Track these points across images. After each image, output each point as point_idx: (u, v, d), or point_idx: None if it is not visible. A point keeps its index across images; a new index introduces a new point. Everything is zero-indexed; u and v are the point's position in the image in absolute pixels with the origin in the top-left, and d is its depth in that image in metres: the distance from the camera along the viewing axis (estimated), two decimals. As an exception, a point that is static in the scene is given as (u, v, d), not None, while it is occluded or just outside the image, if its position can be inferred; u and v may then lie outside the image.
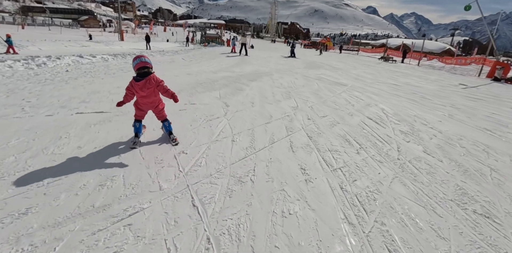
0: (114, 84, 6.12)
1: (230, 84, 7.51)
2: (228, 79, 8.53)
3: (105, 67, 9.10)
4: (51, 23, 64.81)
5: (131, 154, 2.98)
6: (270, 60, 18.14)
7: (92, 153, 2.96)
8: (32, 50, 16.88)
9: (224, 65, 13.32)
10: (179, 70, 9.93)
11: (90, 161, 2.76)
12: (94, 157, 2.86)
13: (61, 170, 2.53)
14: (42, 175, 2.43)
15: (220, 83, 7.62)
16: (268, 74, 10.73)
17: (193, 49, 25.40)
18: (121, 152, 3.01)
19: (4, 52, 13.27)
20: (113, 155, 2.92)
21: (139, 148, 3.18)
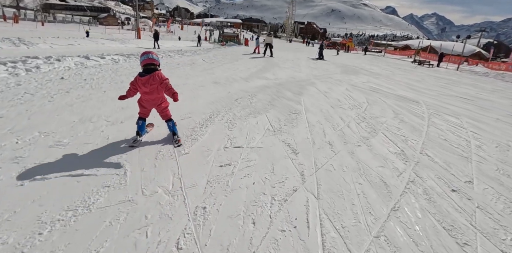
0: (117, 103, 4.26)
1: (274, 101, 5.54)
2: (267, 91, 6.58)
3: (112, 72, 7.32)
4: (70, 21, 65.04)
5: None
6: (299, 63, 16.13)
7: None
8: (42, 48, 15.51)
9: (252, 69, 11.40)
10: (203, 77, 8.05)
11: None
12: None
13: None
14: None
15: (261, 99, 5.66)
16: (309, 83, 8.72)
17: (212, 49, 23.64)
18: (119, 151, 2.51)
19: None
20: (112, 154, 2.52)
21: (139, 147, 2.89)
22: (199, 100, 4.98)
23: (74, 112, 3.81)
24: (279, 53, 22.21)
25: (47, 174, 2.25)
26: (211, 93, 5.68)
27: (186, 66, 10.77)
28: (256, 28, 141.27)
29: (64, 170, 2.34)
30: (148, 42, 27.60)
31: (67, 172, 2.31)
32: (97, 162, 2.54)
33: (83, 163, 2.50)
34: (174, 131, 3.17)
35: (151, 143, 3.14)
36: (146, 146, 3.05)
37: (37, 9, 68.75)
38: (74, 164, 2.47)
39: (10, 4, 67.76)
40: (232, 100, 5.30)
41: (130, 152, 2.81)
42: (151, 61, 2.88)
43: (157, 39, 22.37)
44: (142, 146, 3.02)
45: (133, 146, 2.98)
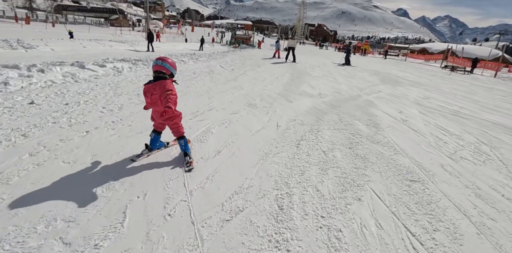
0: (109, 171, 2.35)
1: (355, 145, 3.49)
2: (326, 119, 4.59)
3: (111, 89, 5.42)
4: (82, 22, 64.57)
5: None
6: (329, 70, 14.09)
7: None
8: (42, 51, 13.94)
9: (281, 78, 9.42)
10: (231, 94, 6.09)
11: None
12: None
13: None
14: None
15: (331, 140, 3.63)
16: (365, 101, 6.69)
17: (227, 52, 21.77)
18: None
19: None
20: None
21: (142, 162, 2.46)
22: (245, 155, 2.92)
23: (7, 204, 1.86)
24: (298, 57, 20.23)
25: None
26: (255, 132, 3.65)
27: (204, 75, 8.85)
28: (267, 30, 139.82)
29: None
30: (160, 45, 26.03)
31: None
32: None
33: None
34: (186, 150, 2.71)
35: (158, 163, 2.54)
36: (150, 166, 2.48)
37: (49, 11, 68.48)
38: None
39: (23, 5, 67.65)
40: (291, 145, 3.30)
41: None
42: (159, 69, 2.48)
43: (152, 40, 19.64)
44: (146, 168, 2.43)
45: (133, 160, 2.61)
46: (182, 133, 2.72)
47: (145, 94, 2.50)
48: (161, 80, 2.43)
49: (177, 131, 2.69)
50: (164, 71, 2.48)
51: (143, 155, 2.72)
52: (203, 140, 3.19)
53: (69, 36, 22.30)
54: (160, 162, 2.66)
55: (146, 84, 2.49)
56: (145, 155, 2.74)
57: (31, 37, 17.53)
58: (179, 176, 2.34)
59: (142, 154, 2.71)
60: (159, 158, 2.72)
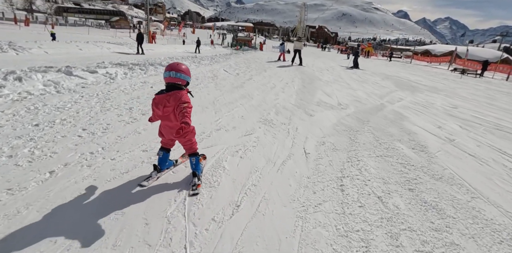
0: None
1: (415, 186, 2.56)
2: (360, 141, 3.71)
3: (98, 101, 4.54)
4: (82, 24, 64.04)
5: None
6: (339, 75, 13.25)
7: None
8: (35, 54, 13.14)
9: (291, 84, 8.55)
10: (240, 105, 5.21)
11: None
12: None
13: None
14: None
15: (385, 181, 2.70)
16: (392, 112, 5.82)
17: (230, 55, 20.93)
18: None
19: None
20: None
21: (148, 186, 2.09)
22: (275, 211, 1.89)
23: None
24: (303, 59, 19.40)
25: None
26: (280, 165, 2.71)
27: (208, 81, 7.98)
28: (268, 32, 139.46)
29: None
30: (165, 47, 25.24)
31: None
32: None
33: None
34: (196, 170, 2.31)
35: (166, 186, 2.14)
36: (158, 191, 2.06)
37: (49, 13, 67.92)
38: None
39: (23, 7, 67.12)
40: (333, 187, 2.39)
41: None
42: (173, 81, 2.09)
43: (141, 42, 17.85)
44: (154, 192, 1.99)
45: (142, 186, 2.22)
46: (195, 150, 2.36)
47: (156, 106, 2.14)
48: (175, 91, 2.07)
49: (190, 147, 2.34)
50: (179, 82, 2.11)
51: (153, 178, 2.33)
52: (213, 182, 2.31)
53: (51, 38, 20.06)
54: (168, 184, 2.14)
55: (158, 94, 2.13)
56: (155, 177, 2.36)
57: (26, 39, 16.76)
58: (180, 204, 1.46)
59: (151, 177, 2.33)
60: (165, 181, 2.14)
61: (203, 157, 2.81)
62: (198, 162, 2.37)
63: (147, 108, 4.42)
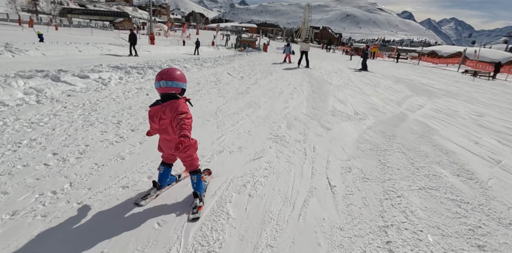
0: None
1: (481, 238, 1.92)
2: (392, 163, 3.05)
3: (83, 113, 3.92)
4: (86, 25, 64.03)
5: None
6: (349, 78, 12.57)
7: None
8: (32, 56, 12.70)
9: (300, 89, 7.90)
10: (246, 116, 4.57)
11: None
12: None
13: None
14: None
15: (443, 233, 1.99)
16: (419, 124, 5.13)
17: (233, 57, 20.33)
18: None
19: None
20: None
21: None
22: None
23: None
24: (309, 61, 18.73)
25: None
26: (301, 208, 2.00)
27: (210, 86, 7.36)
28: (271, 33, 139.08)
29: None
30: (162, 48, 24.74)
31: None
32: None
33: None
34: (197, 190, 2.04)
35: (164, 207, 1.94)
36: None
37: (53, 14, 68.01)
38: None
39: (28, 8, 67.25)
40: (376, 245, 1.76)
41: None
42: (165, 91, 1.84)
43: (134, 43, 16.49)
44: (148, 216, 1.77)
45: (139, 205, 2.00)
46: (197, 167, 2.10)
47: (152, 119, 1.92)
48: (171, 101, 1.85)
49: (190, 164, 2.08)
50: (173, 91, 1.87)
51: (151, 196, 2.12)
52: (212, 244, 1.64)
53: (38, 39, 18.33)
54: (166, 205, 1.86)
55: (152, 105, 1.90)
56: (153, 195, 2.13)
57: (26, 41, 16.33)
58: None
59: (150, 195, 2.11)
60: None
61: (208, 172, 2.49)
62: (199, 181, 2.08)
63: (138, 122, 3.80)
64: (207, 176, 2.44)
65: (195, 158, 2.09)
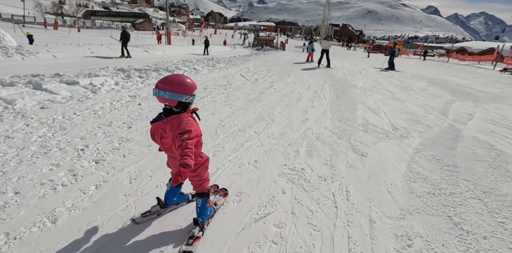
0: None
1: None
2: (475, 233, 1.95)
3: (45, 134, 3.04)
4: (107, 26, 65.48)
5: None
6: (376, 79, 11.24)
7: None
8: (41, 58, 12.40)
9: (323, 94, 6.77)
10: (255, 136, 3.57)
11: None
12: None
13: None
14: None
15: None
16: (483, 145, 3.90)
17: (249, 56, 19.37)
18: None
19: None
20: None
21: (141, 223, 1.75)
22: None
23: None
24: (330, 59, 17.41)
25: None
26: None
27: (218, 91, 6.42)
28: (290, 31, 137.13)
29: None
30: (177, 49, 24.21)
31: None
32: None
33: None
34: (200, 217, 1.75)
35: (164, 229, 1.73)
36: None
37: (77, 16, 70.15)
38: None
39: (53, 11, 69.74)
40: None
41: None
42: (162, 101, 1.53)
43: (125, 42, 14.57)
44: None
45: (136, 222, 1.82)
46: (205, 189, 1.76)
47: (153, 136, 1.61)
48: (173, 116, 1.51)
49: (198, 185, 1.76)
50: (169, 103, 1.51)
51: (152, 215, 1.85)
52: None
53: (28, 41, 16.66)
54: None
55: (154, 121, 1.58)
56: (155, 214, 1.86)
57: (45, 43, 16.19)
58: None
59: (150, 213, 1.86)
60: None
61: (224, 193, 2.14)
62: (204, 206, 1.77)
63: (111, 146, 2.90)
64: (221, 197, 2.08)
65: (205, 178, 1.78)
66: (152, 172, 2.43)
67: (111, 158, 2.63)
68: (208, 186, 1.81)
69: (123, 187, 2.15)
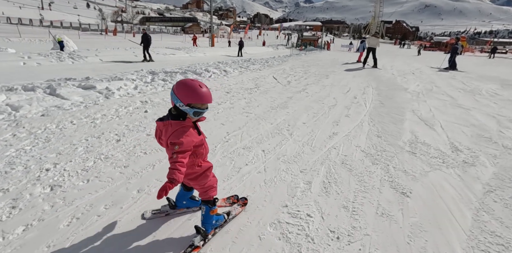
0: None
1: None
2: None
3: (16, 154, 2.72)
4: (160, 31, 69.80)
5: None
6: (432, 80, 9.63)
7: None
8: (89, 62, 13.16)
9: (363, 100, 5.71)
10: (261, 169, 2.84)
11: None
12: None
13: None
14: None
15: None
16: None
17: (289, 57, 18.53)
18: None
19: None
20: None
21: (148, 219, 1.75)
22: None
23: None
24: (378, 59, 15.68)
25: None
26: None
27: (240, 96, 5.81)
28: (337, 30, 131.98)
29: None
30: (219, 50, 24.37)
31: None
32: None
33: None
34: (204, 225, 1.65)
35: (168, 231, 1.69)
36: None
37: (134, 23, 76.19)
38: None
39: (112, 19, 76.84)
40: None
41: None
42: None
43: (147, 46, 14.25)
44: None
45: (143, 217, 1.83)
46: (210, 197, 1.68)
47: (155, 134, 1.58)
48: (171, 121, 1.43)
49: (203, 192, 1.68)
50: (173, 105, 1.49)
51: (161, 214, 1.84)
52: None
53: (59, 47, 15.97)
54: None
55: (158, 120, 1.52)
56: (163, 213, 1.85)
57: (101, 47, 17.44)
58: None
59: (160, 211, 1.85)
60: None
61: (243, 203, 1.98)
62: (208, 214, 1.64)
63: (83, 166, 2.44)
64: (239, 207, 1.95)
65: (208, 186, 1.66)
66: (105, 208, 1.87)
67: (71, 184, 2.14)
68: (213, 194, 1.70)
69: (54, 232, 1.62)
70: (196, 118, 1.47)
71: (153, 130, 3.47)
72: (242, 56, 20.99)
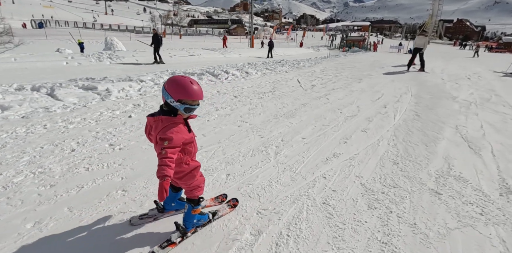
0: None
1: None
2: None
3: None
4: (205, 33, 72.35)
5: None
6: (492, 87, 8.11)
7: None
8: (125, 61, 13.62)
9: (394, 111, 4.71)
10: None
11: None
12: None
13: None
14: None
15: None
16: None
17: (325, 58, 17.41)
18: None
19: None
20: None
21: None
22: None
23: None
24: (429, 62, 13.83)
25: None
26: None
27: (248, 100, 5.22)
28: (388, 31, 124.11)
29: None
30: (256, 51, 24.01)
31: None
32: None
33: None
34: (184, 223, 1.66)
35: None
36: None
37: (182, 25, 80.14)
38: None
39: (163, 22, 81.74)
40: None
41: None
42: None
43: (157, 47, 13.19)
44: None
45: (132, 223, 1.78)
46: (195, 196, 1.67)
47: (145, 129, 1.60)
48: (162, 117, 1.43)
49: (188, 190, 1.67)
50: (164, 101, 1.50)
51: (149, 218, 1.80)
52: None
53: (79, 49, 16.25)
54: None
55: (149, 116, 1.53)
56: (151, 218, 1.80)
57: (146, 48, 18.32)
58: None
59: (148, 216, 1.81)
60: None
61: (233, 204, 1.96)
62: (189, 213, 1.65)
63: (13, 181, 2.07)
64: (228, 208, 1.90)
65: (194, 186, 1.62)
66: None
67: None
68: (199, 193, 1.68)
69: None
70: (187, 114, 1.45)
71: (122, 139, 3.07)
72: (272, 57, 20.21)
